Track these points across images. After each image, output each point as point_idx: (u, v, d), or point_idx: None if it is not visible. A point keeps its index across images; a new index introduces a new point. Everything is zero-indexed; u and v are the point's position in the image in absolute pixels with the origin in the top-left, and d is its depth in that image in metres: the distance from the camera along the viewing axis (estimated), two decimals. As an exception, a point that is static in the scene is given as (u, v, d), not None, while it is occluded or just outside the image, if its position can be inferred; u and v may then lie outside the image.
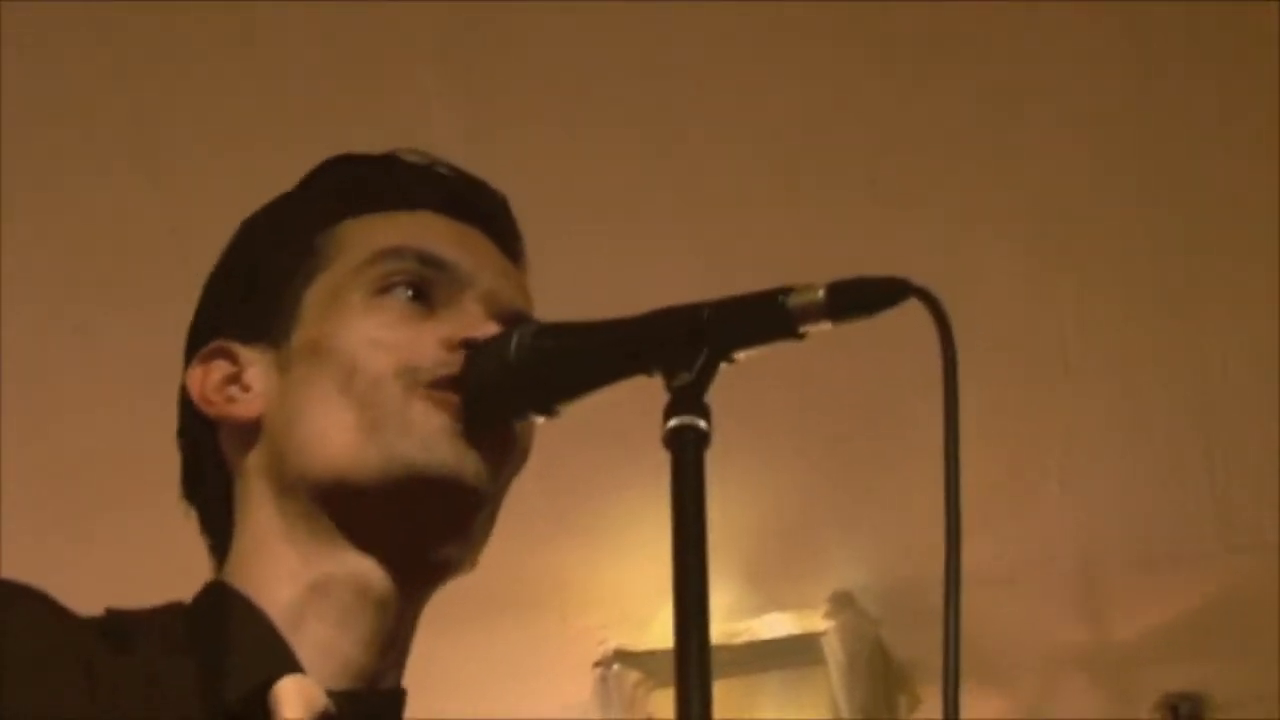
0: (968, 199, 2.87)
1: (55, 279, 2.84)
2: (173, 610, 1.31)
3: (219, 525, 1.38)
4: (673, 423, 1.12)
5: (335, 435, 1.29)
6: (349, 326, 1.33)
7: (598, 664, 3.66)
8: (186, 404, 1.39)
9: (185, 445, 1.41)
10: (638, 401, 1.26)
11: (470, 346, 1.29)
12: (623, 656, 3.62)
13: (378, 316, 1.33)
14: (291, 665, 1.24)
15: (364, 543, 1.29)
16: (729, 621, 3.60)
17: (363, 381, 1.30)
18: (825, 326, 1.15)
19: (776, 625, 3.62)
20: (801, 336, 1.16)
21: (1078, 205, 2.91)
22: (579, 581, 3.51)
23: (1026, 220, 2.92)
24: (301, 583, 1.29)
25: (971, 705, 3.63)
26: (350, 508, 1.29)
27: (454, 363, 1.29)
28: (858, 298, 1.14)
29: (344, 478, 1.29)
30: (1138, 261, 3.00)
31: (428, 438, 1.28)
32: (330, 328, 1.33)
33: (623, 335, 1.22)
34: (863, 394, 3.18)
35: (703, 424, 1.12)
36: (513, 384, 1.26)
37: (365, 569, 1.29)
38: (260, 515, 1.33)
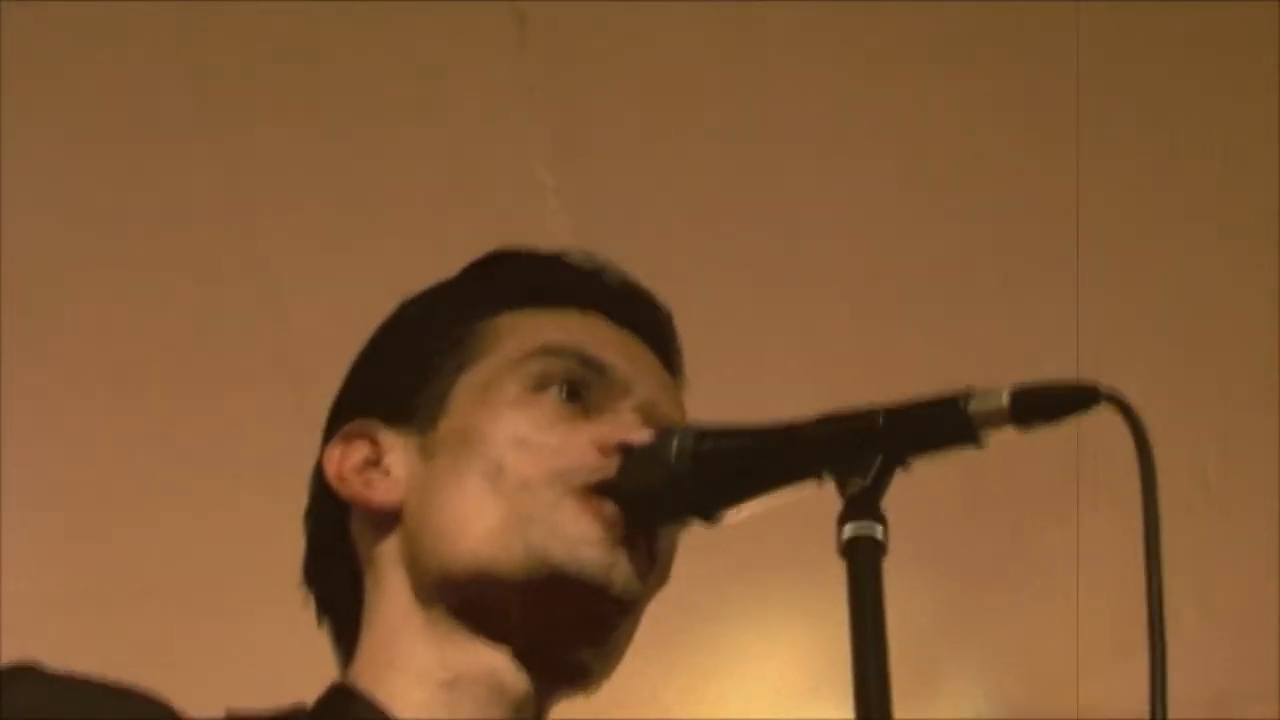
0: (1107, 315, 2.88)
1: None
2: (296, 715, 1.33)
3: (343, 614, 1.39)
4: (848, 531, 1.13)
5: (478, 527, 1.31)
6: (501, 420, 1.34)
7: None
8: (320, 484, 1.41)
9: (313, 527, 1.43)
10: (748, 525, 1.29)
11: (626, 450, 1.31)
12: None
13: (531, 412, 1.35)
14: None
15: (501, 639, 1.31)
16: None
17: (511, 479, 1.32)
18: (1008, 432, 1.15)
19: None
20: (983, 444, 1.16)
21: (1222, 323, 2.90)
22: (681, 709, 3.50)
23: (1168, 337, 2.92)
24: (435, 681, 1.31)
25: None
26: (489, 602, 1.31)
27: (607, 468, 1.31)
28: (1044, 403, 1.15)
29: (485, 571, 1.30)
30: (1285, 383, 2.99)
31: (574, 540, 1.29)
32: (481, 419, 1.35)
33: (792, 439, 1.23)
34: (991, 512, 3.17)
35: (880, 532, 1.13)
36: (673, 488, 1.27)
37: (501, 666, 1.31)
38: (393, 609, 1.34)
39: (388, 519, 1.36)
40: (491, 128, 2.64)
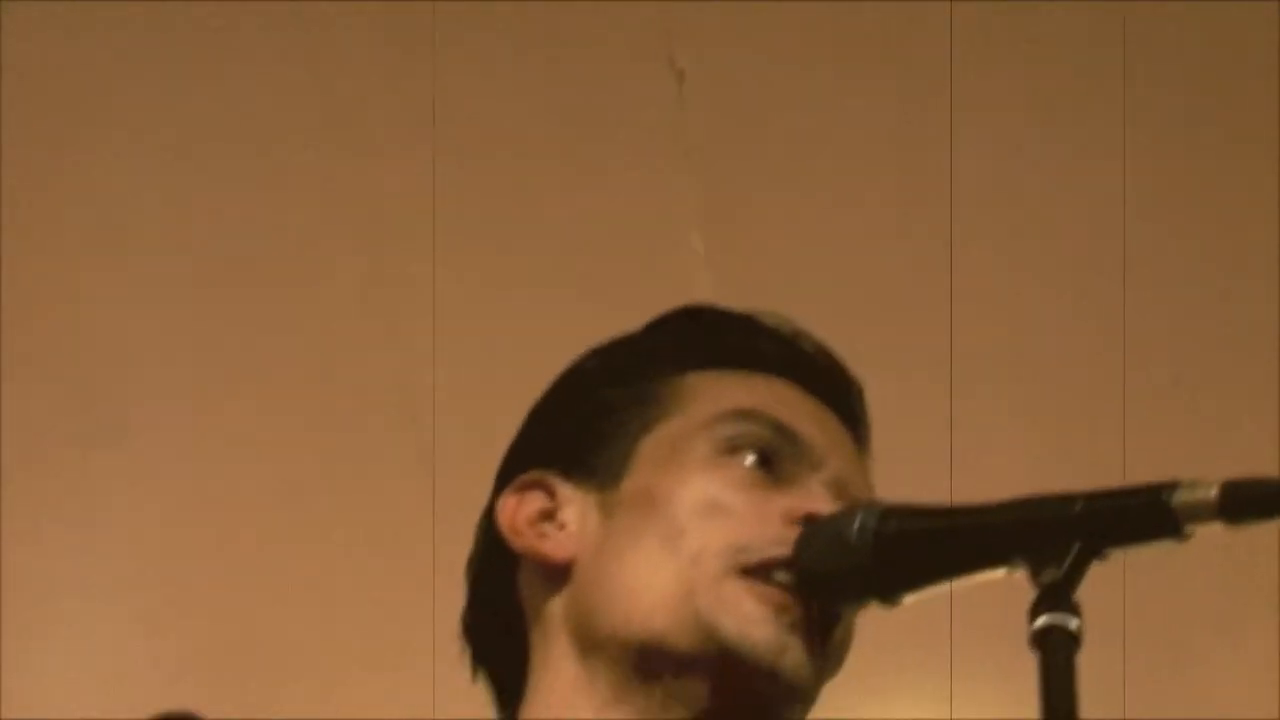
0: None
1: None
2: None
3: (505, 668, 1.40)
4: (1041, 621, 1.12)
5: (652, 595, 1.31)
6: (687, 483, 1.34)
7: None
8: (489, 533, 1.41)
9: (478, 576, 1.43)
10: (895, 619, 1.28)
11: (811, 523, 1.31)
12: None
13: (720, 476, 1.34)
14: None
15: (669, 711, 1.31)
16: None
17: (690, 545, 1.32)
18: (1214, 527, 1.14)
19: None
20: (1187, 537, 1.16)
21: None
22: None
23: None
24: None
25: None
26: (658, 673, 1.31)
27: (790, 541, 1.30)
28: (1257, 499, 1.14)
29: (656, 642, 1.31)
30: None
31: (748, 622, 1.29)
32: (667, 481, 1.35)
33: (983, 523, 1.22)
34: (1149, 618, 3.13)
35: (1074, 624, 1.12)
36: (852, 567, 1.26)
37: None
38: (562, 673, 1.35)
39: (559, 576, 1.37)
40: (645, 187, 2.66)
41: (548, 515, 1.38)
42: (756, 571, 1.30)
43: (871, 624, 1.35)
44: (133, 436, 2.80)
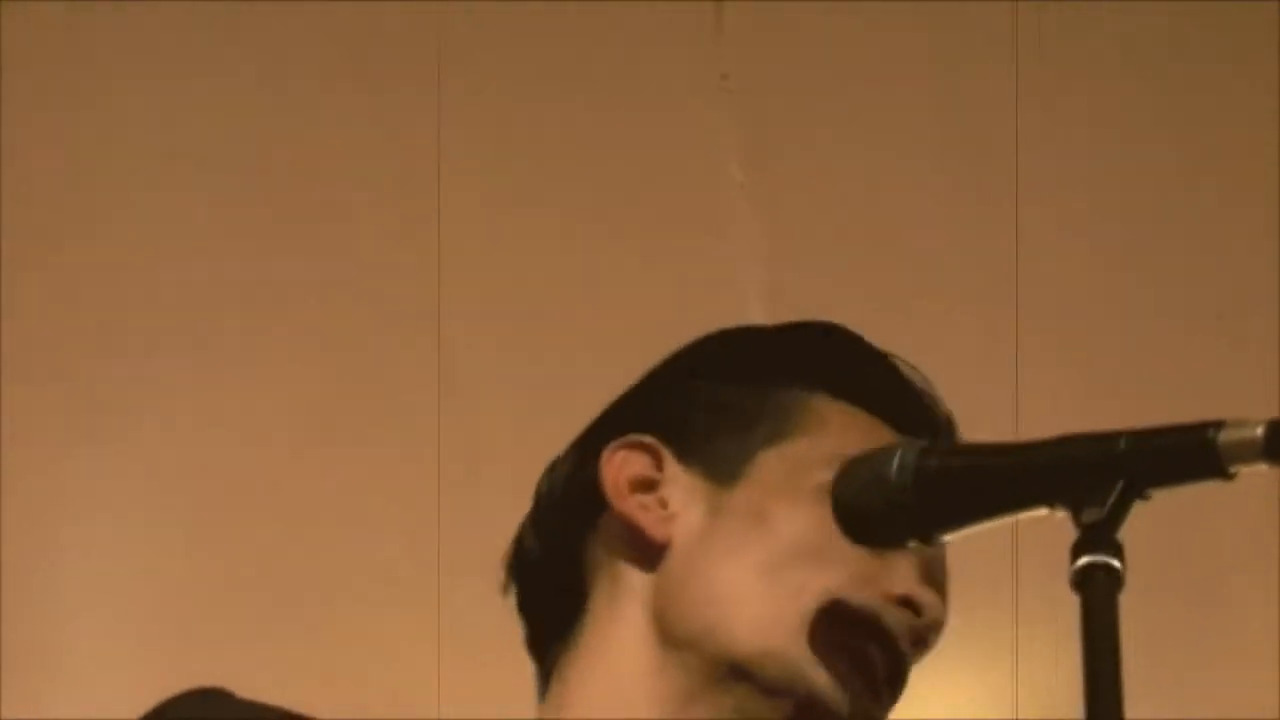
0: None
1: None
2: None
3: (552, 622, 1.40)
4: (1083, 560, 1.12)
5: (746, 617, 1.34)
6: (798, 515, 1.37)
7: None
8: (579, 476, 1.42)
9: (553, 515, 1.43)
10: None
11: (906, 605, 1.35)
12: None
13: (829, 525, 1.33)
14: None
15: (740, 716, 1.33)
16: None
17: (790, 582, 1.34)
18: (1259, 468, 1.14)
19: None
20: (1231, 477, 1.15)
21: None
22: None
23: None
24: None
25: None
26: (736, 688, 1.33)
27: (885, 610, 1.35)
28: (1303, 439, 1.13)
29: (743, 662, 1.33)
30: None
31: (839, 679, 1.33)
32: (780, 505, 1.37)
33: (1024, 462, 1.21)
34: (1184, 565, 3.13)
35: (1116, 563, 1.11)
36: (891, 505, 1.26)
37: None
38: (630, 649, 1.36)
39: (651, 554, 1.38)
40: (683, 119, 2.65)
41: (649, 485, 1.40)
42: (853, 623, 1.34)
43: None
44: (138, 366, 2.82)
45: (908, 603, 1.36)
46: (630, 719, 1.33)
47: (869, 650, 1.34)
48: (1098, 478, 1.16)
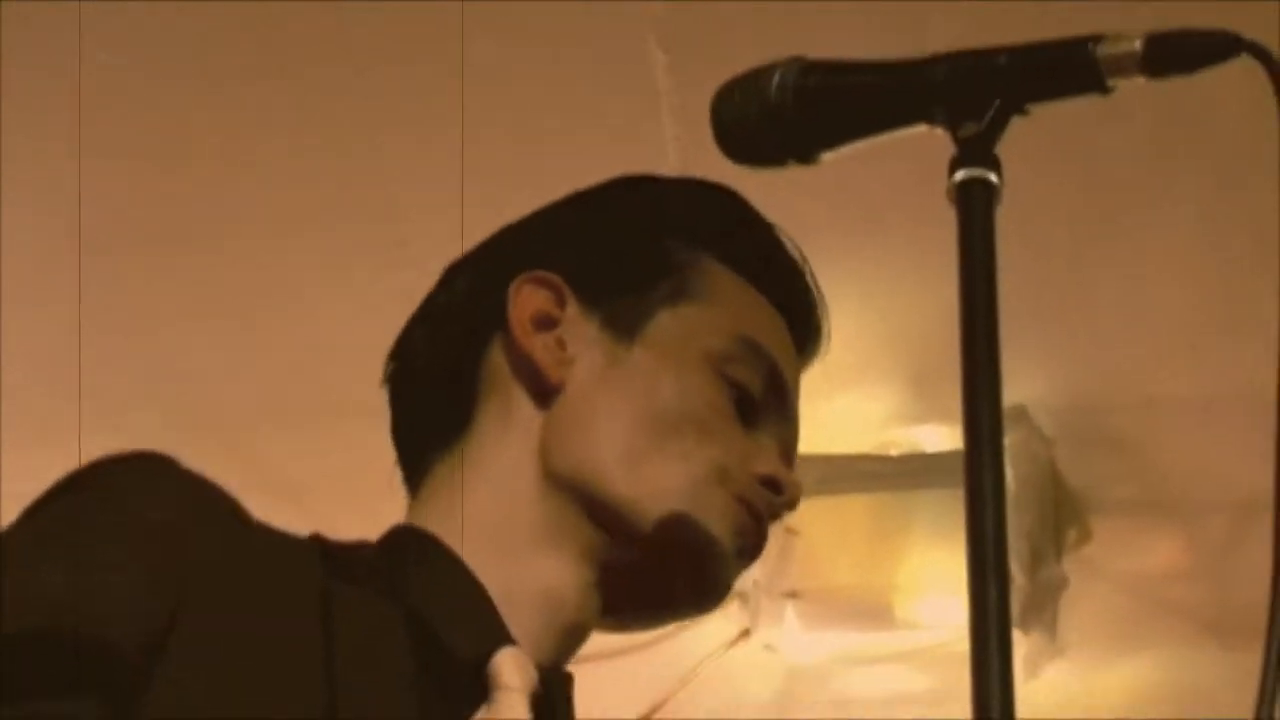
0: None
1: None
2: (368, 549, 1.40)
3: (432, 425, 1.46)
4: (960, 175, 1.15)
5: (629, 473, 1.39)
6: (687, 384, 1.42)
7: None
8: (482, 298, 1.46)
9: (446, 329, 1.48)
10: (808, 177, 1.31)
11: (768, 485, 1.43)
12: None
13: (716, 397, 1.43)
14: (508, 638, 1.34)
15: (602, 565, 1.40)
16: (885, 430, 3.63)
17: (676, 448, 1.40)
18: (1138, 81, 1.16)
19: (938, 438, 3.64)
20: (1109, 91, 1.18)
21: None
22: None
23: None
24: (525, 581, 1.39)
25: (1151, 543, 3.65)
26: (614, 531, 1.40)
27: (751, 490, 1.42)
28: (1180, 51, 1.15)
29: (622, 512, 1.39)
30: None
31: (723, 527, 1.41)
32: (671, 370, 1.43)
33: (904, 78, 1.24)
34: (1061, 186, 3.18)
35: (994, 177, 1.14)
36: (771, 124, 1.28)
37: (588, 594, 1.41)
38: (514, 487, 1.41)
39: (544, 390, 1.43)
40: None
41: (550, 322, 1.44)
42: (742, 497, 1.42)
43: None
44: None
45: (771, 482, 1.43)
46: (507, 541, 1.39)
47: (750, 524, 1.42)
48: (977, 92, 1.18)
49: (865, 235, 3.05)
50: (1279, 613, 1.10)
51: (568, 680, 1.41)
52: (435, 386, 1.47)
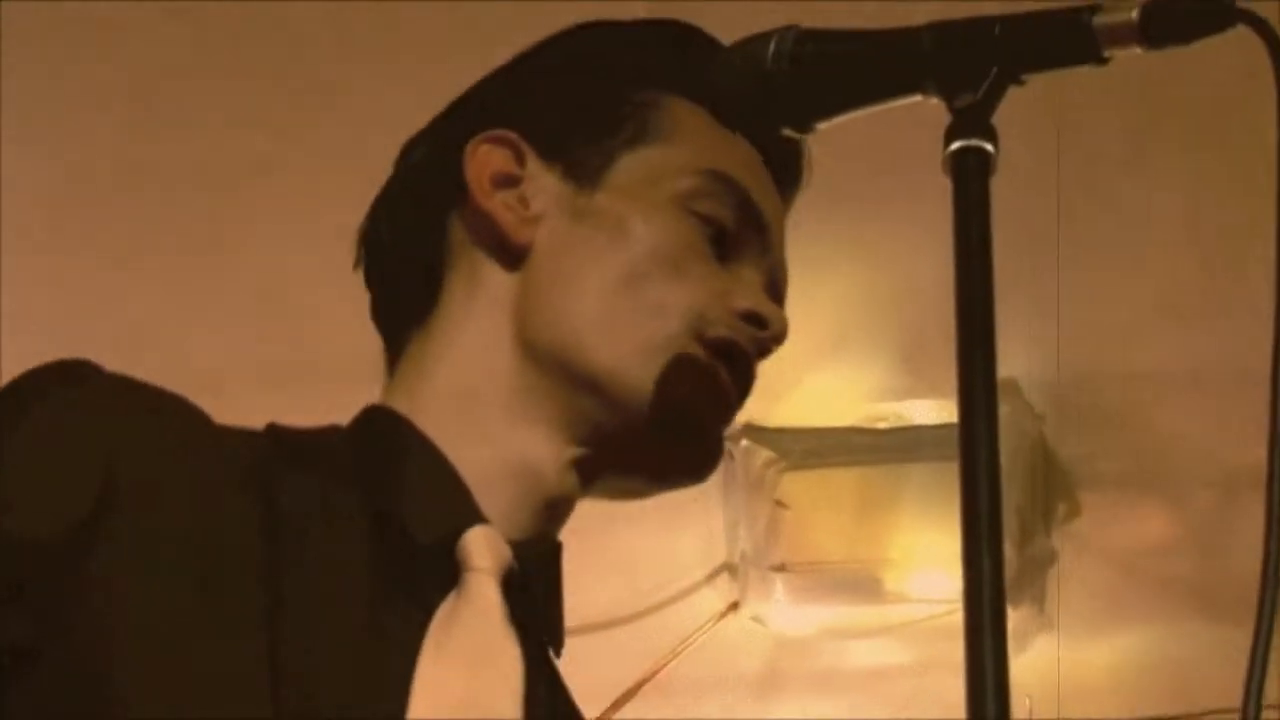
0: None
1: None
2: (332, 434, 1.36)
3: (405, 301, 1.42)
4: (955, 145, 1.15)
5: (606, 336, 1.36)
6: (656, 226, 1.38)
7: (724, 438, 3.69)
8: (444, 161, 1.42)
9: (412, 191, 1.45)
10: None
11: (750, 320, 1.38)
12: (752, 432, 3.64)
13: (687, 235, 1.39)
14: (479, 517, 1.31)
15: (582, 439, 1.36)
16: (874, 403, 3.64)
17: (650, 296, 1.36)
18: (1135, 51, 1.16)
19: (928, 411, 3.64)
20: (1105, 61, 1.18)
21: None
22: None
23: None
24: (501, 456, 1.35)
25: (1140, 517, 3.66)
26: (594, 402, 1.36)
27: (733, 328, 1.37)
28: (1176, 21, 1.15)
29: (603, 382, 1.35)
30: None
31: (699, 395, 1.37)
32: (638, 214, 1.38)
33: (900, 47, 1.23)
34: (1048, 158, 3.18)
35: (989, 147, 1.14)
36: (767, 93, 1.27)
37: (566, 470, 1.37)
38: (485, 359, 1.37)
39: (512, 253, 1.39)
40: None
41: (512, 181, 1.40)
42: (710, 347, 1.37)
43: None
44: None
45: (753, 316, 1.39)
46: (480, 413, 1.36)
47: (721, 374, 1.38)
48: (972, 62, 1.18)
49: (854, 206, 3.05)
50: (1269, 587, 1.09)
51: (553, 551, 1.37)
52: (402, 263, 1.43)
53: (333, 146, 2.92)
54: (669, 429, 1.36)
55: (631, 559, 3.74)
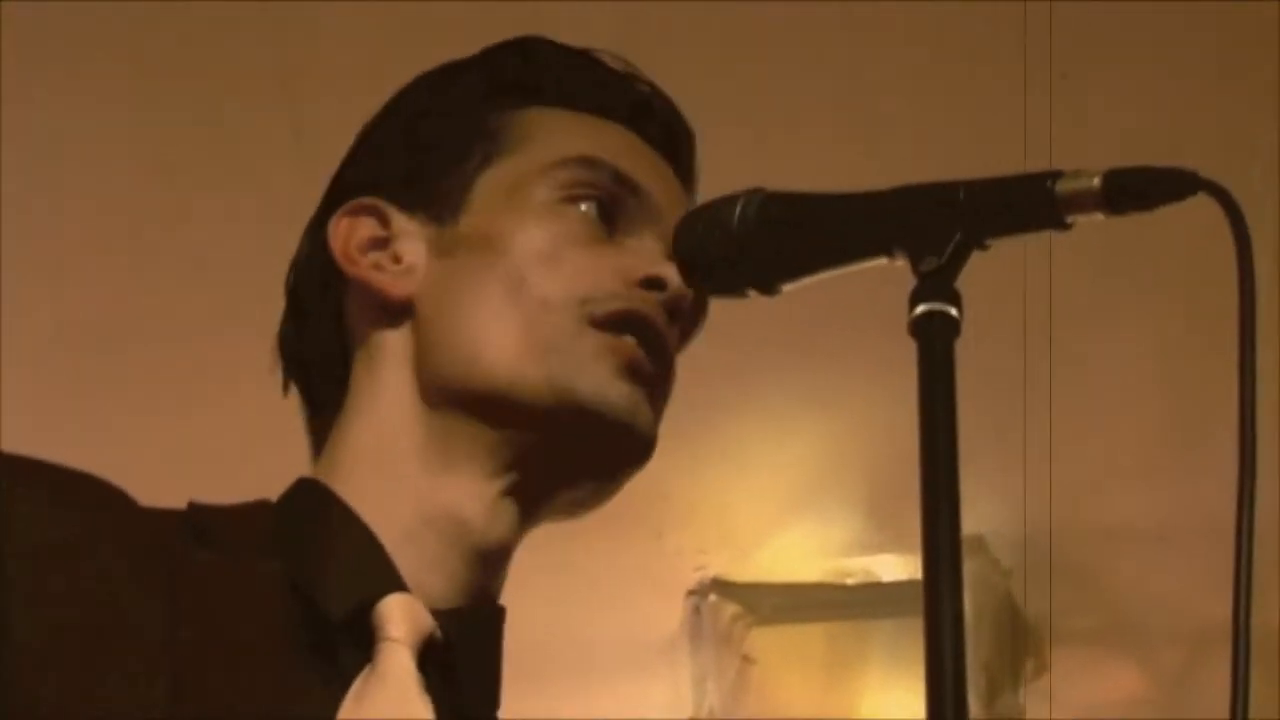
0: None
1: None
2: (259, 508, 1.36)
3: (322, 393, 1.42)
4: (921, 308, 1.16)
5: (499, 348, 1.34)
6: (526, 230, 1.37)
7: (692, 592, 3.70)
8: (317, 251, 1.42)
9: (301, 294, 1.44)
10: (764, 306, 1.32)
11: (650, 285, 1.35)
12: (721, 586, 3.65)
13: (559, 226, 1.37)
14: (397, 584, 1.29)
15: (505, 467, 1.34)
16: (842, 559, 3.64)
17: (533, 296, 1.35)
18: (1097, 218, 1.18)
19: (895, 567, 3.65)
20: (1068, 227, 1.19)
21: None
22: (680, 494, 3.50)
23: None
24: (423, 507, 1.33)
25: (1108, 673, 3.65)
26: (507, 423, 1.34)
27: (630, 298, 1.35)
28: (1139, 188, 1.17)
29: (504, 393, 1.33)
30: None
31: (601, 379, 1.34)
32: (506, 225, 1.37)
33: (866, 211, 1.25)
34: (1014, 315, 3.20)
35: (954, 311, 1.16)
36: (732, 255, 1.29)
37: (497, 507, 1.34)
38: (393, 411, 1.36)
39: (397, 313, 1.38)
40: None
41: (381, 243, 1.40)
42: (605, 324, 1.35)
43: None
44: None
45: (652, 280, 1.36)
46: (396, 469, 1.35)
47: (628, 346, 1.35)
48: (937, 227, 1.19)
49: (820, 363, 3.07)
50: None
51: (487, 616, 1.34)
52: (313, 367, 1.43)
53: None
54: (584, 420, 1.33)
55: (601, 712, 3.72)
